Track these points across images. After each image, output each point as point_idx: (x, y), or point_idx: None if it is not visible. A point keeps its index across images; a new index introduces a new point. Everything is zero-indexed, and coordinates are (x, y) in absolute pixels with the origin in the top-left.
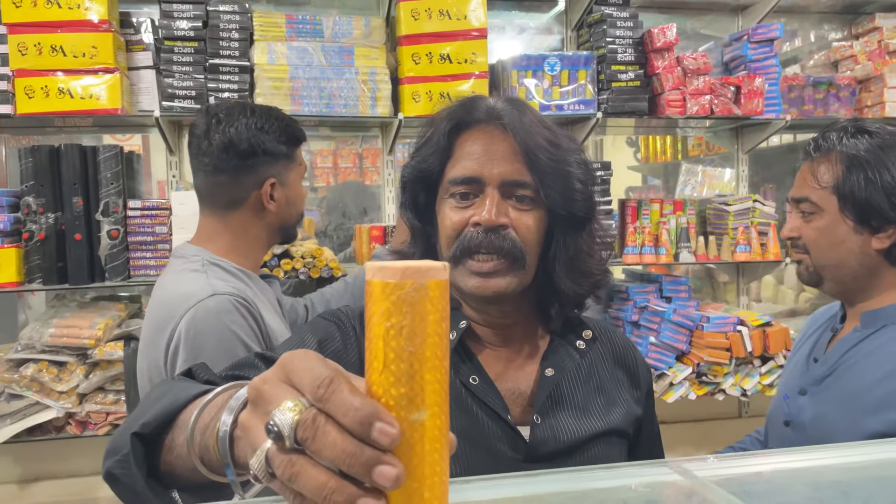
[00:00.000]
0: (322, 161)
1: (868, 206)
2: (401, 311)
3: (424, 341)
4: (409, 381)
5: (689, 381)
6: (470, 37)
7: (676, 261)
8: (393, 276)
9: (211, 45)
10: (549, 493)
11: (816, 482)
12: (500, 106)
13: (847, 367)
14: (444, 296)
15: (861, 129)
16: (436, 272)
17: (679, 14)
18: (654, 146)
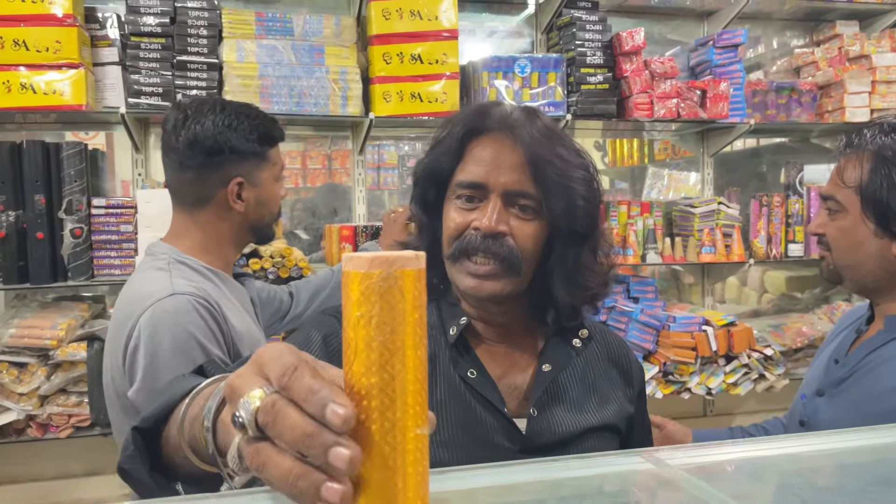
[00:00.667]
0: (291, 162)
1: (888, 209)
2: (369, 300)
3: (394, 331)
4: (379, 371)
5: (655, 380)
6: (441, 37)
7: (643, 262)
8: (362, 266)
9: (178, 41)
10: (526, 481)
11: (785, 470)
12: (515, 115)
13: (866, 370)
14: (416, 286)
15: (893, 126)
16: (406, 262)
17: (647, 19)
18: (621, 150)
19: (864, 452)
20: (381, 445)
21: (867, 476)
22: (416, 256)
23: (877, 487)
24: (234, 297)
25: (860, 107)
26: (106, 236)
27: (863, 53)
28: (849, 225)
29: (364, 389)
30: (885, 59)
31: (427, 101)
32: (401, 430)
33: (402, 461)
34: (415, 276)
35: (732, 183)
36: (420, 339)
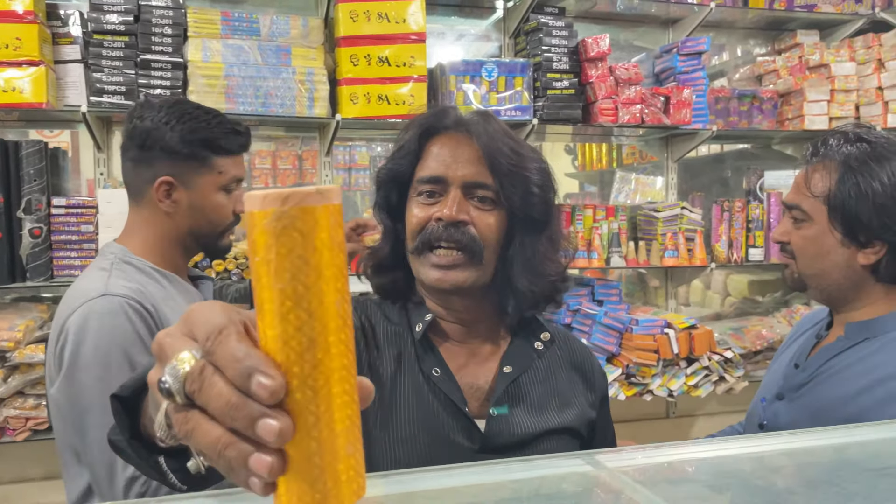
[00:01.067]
0: (261, 162)
1: (856, 219)
2: (266, 243)
3: (295, 276)
4: (282, 323)
5: (618, 382)
6: (409, 40)
7: (608, 265)
8: (255, 204)
9: (142, 40)
10: (466, 485)
11: (721, 471)
12: (468, 116)
13: (826, 376)
14: (319, 224)
15: (860, 137)
16: (304, 197)
17: (613, 25)
18: (590, 154)
19: (799, 454)
20: (300, 411)
21: (798, 477)
22: (317, 191)
23: (805, 488)
24: (184, 300)
25: (819, 115)
26: (66, 236)
27: (822, 62)
28: (815, 234)
29: (272, 343)
30: (844, 69)
31: (394, 104)
32: (324, 396)
33: (329, 429)
34: (317, 214)
35: (696, 188)
36: (333, 287)
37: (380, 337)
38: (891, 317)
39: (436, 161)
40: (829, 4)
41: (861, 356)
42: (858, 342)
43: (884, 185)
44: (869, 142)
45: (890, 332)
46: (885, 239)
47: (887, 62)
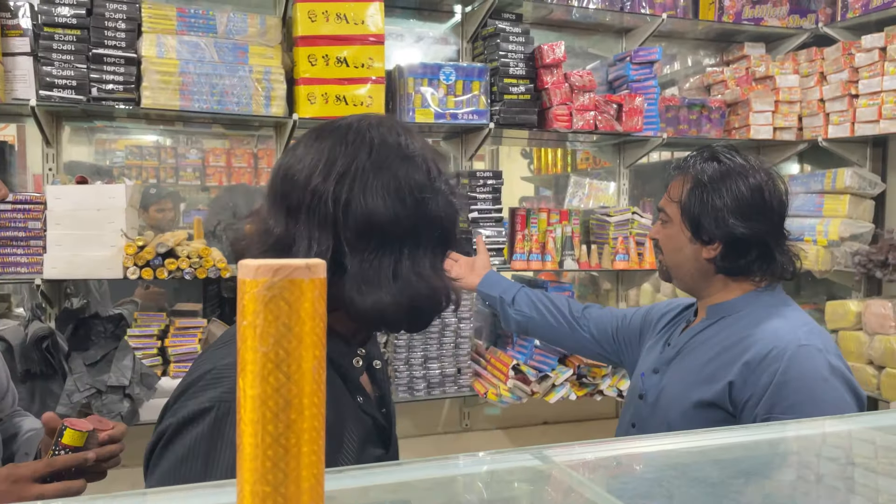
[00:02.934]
0: (215, 160)
1: (699, 223)
2: (255, 310)
3: (278, 342)
4: (262, 383)
5: (570, 383)
6: (367, 42)
7: (561, 268)
8: (248, 274)
9: (95, 34)
10: (417, 479)
11: (662, 464)
12: None
13: (690, 350)
14: (305, 296)
15: (714, 156)
16: (293, 271)
17: (568, 32)
18: (546, 158)
19: (735, 449)
20: (272, 468)
21: (732, 469)
22: (306, 266)
23: (739, 479)
24: None
25: (763, 125)
26: (12, 233)
27: (768, 74)
28: (673, 233)
29: (247, 403)
30: (788, 81)
31: (352, 105)
32: (292, 447)
33: (295, 487)
34: (303, 287)
35: (647, 193)
36: (311, 353)
37: None
38: (740, 299)
39: None
40: (775, 18)
41: (717, 331)
42: (716, 321)
43: (722, 198)
44: (720, 161)
45: (741, 311)
46: (718, 237)
47: (829, 75)
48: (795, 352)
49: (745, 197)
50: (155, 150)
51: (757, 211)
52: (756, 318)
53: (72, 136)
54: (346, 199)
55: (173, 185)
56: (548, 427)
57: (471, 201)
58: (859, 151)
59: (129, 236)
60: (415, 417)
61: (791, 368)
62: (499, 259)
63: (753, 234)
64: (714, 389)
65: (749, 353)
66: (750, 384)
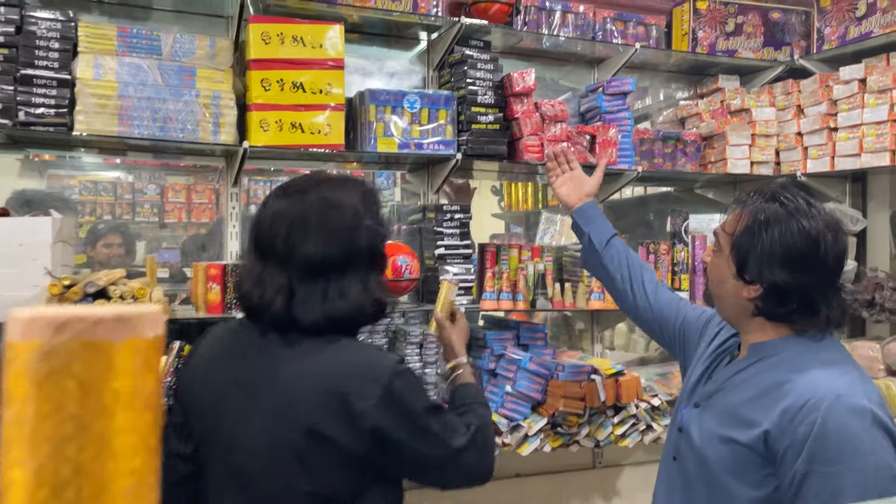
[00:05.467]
0: (174, 196)
1: (745, 262)
2: (24, 393)
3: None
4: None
5: (544, 433)
6: (326, 66)
7: (533, 307)
8: (14, 332)
9: (24, 53)
10: None
11: None
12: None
13: (730, 388)
14: (115, 369)
15: (775, 196)
16: (94, 326)
17: (539, 62)
18: (516, 195)
19: None
20: None
21: None
22: (116, 318)
23: None
24: None
25: (741, 158)
26: None
27: (743, 107)
28: (721, 263)
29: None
30: (764, 114)
31: (309, 133)
32: None
33: None
34: (111, 353)
35: (621, 230)
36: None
37: None
38: (781, 341)
39: None
40: (749, 51)
41: (756, 371)
42: (756, 360)
43: (773, 244)
44: (782, 203)
45: (781, 353)
46: (760, 281)
47: (806, 108)
48: (833, 402)
49: (797, 247)
50: (111, 186)
51: (806, 262)
52: (796, 364)
53: (22, 171)
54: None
55: (129, 221)
56: (520, 480)
57: (437, 236)
58: (839, 186)
59: (53, 275)
60: None
61: (829, 420)
62: (466, 298)
63: (797, 286)
64: (750, 434)
65: (786, 401)
66: (788, 434)
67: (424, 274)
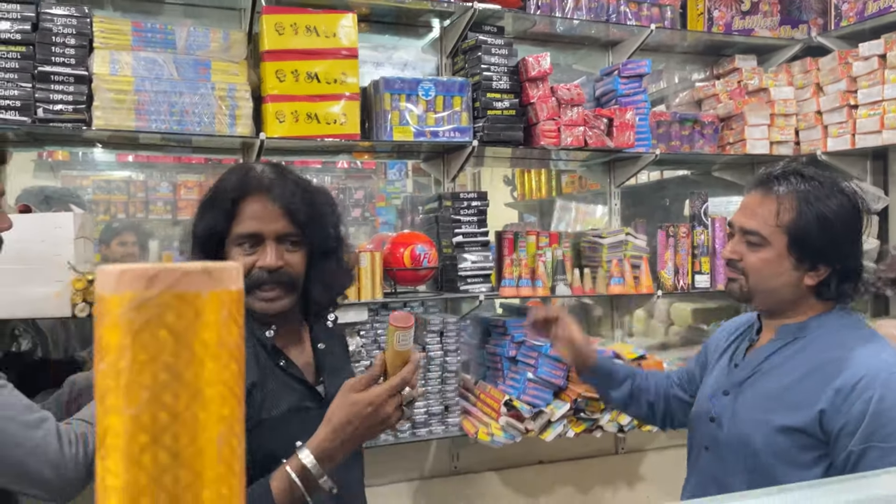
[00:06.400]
0: (186, 193)
1: (810, 247)
2: (118, 344)
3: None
4: (132, 468)
5: (567, 419)
6: (340, 56)
7: (553, 294)
8: (105, 285)
9: (41, 50)
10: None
11: None
12: (268, 179)
13: (764, 372)
14: (203, 320)
15: (804, 176)
16: (182, 278)
17: (552, 47)
18: (529, 184)
19: None
20: None
21: None
22: (203, 269)
23: None
24: None
25: (760, 139)
26: None
27: (761, 87)
28: (770, 258)
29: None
30: (783, 93)
31: (325, 123)
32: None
33: None
34: (199, 304)
35: (638, 215)
36: (216, 414)
37: None
38: (813, 320)
39: (252, 219)
40: (766, 29)
41: (793, 352)
42: (789, 342)
43: (833, 223)
44: (819, 181)
45: (813, 332)
46: (828, 263)
47: (825, 86)
48: (888, 378)
49: (851, 221)
50: (124, 184)
51: (858, 235)
52: (838, 342)
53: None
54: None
55: (143, 219)
56: (544, 467)
57: (454, 224)
58: (860, 165)
59: (77, 270)
60: (400, 460)
61: (887, 396)
62: (486, 286)
63: (859, 259)
64: (803, 416)
65: (839, 380)
66: (843, 413)
67: (443, 263)
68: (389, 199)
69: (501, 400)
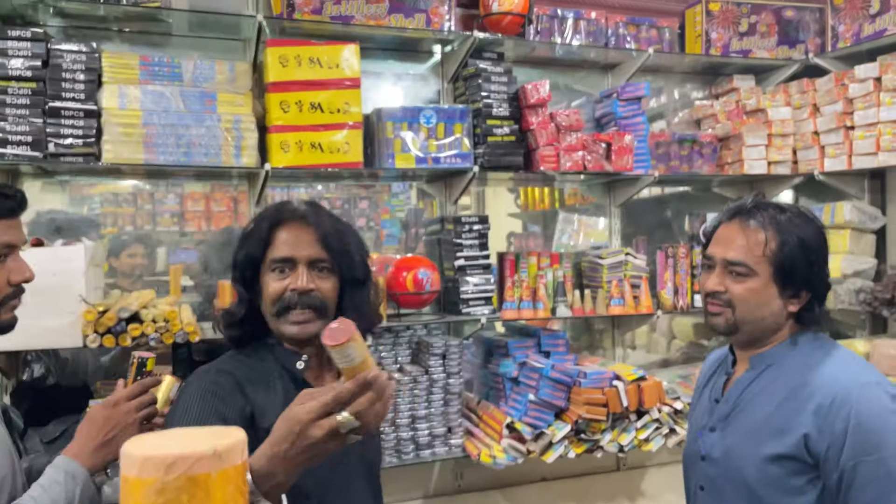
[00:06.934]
0: (193, 205)
1: (793, 276)
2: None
3: None
4: None
5: (568, 440)
6: (343, 86)
7: (554, 315)
8: (130, 470)
9: (52, 86)
10: None
11: None
12: (303, 208)
13: (745, 403)
14: (213, 497)
15: (783, 207)
16: (196, 463)
17: (552, 70)
18: (532, 195)
19: None
20: None
21: None
22: (213, 453)
23: None
24: None
25: (757, 159)
26: None
27: (759, 107)
28: (757, 287)
29: None
30: (780, 113)
31: (329, 152)
32: None
33: None
34: (211, 485)
35: (640, 231)
36: None
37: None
38: (782, 346)
39: (285, 245)
40: (764, 50)
41: (769, 381)
42: (763, 370)
43: (814, 249)
44: (792, 211)
45: (783, 357)
46: (809, 289)
47: (823, 107)
48: (860, 392)
49: (823, 245)
50: (131, 197)
51: (827, 258)
52: (806, 363)
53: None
54: None
55: (151, 231)
56: (547, 484)
57: (456, 248)
58: (857, 184)
59: (88, 301)
60: (403, 481)
61: (862, 410)
62: (488, 308)
63: (828, 283)
64: (789, 442)
65: (814, 401)
66: (826, 433)
67: (445, 285)
68: (394, 213)
69: (503, 422)
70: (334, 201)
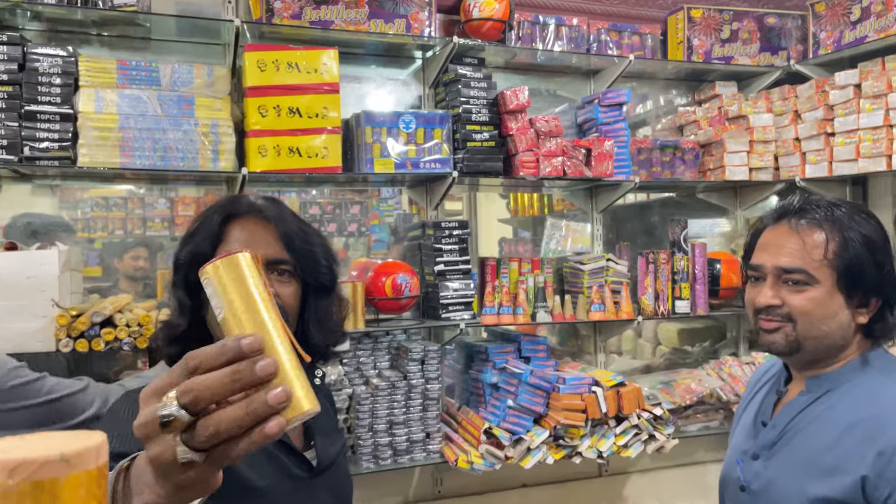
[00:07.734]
0: (184, 209)
1: (860, 282)
2: None
3: None
4: None
5: (546, 445)
6: (321, 91)
7: (534, 321)
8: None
9: (27, 89)
10: None
11: None
12: (261, 202)
13: (796, 431)
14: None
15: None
16: (41, 468)
17: (534, 76)
18: (522, 200)
19: None
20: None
21: None
22: (60, 457)
23: None
24: None
25: (739, 165)
26: None
27: (741, 114)
28: (822, 296)
29: None
30: (762, 120)
31: (307, 157)
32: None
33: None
34: (57, 490)
35: (623, 236)
36: None
37: None
38: (846, 368)
39: (238, 243)
40: (746, 57)
41: (826, 407)
42: (822, 395)
43: (879, 245)
44: (846, 206)
45: (847, 382)
46: (880, 295)
47: (804, 113)
48: None
49: (888, 242)
50: (122, 201)
51: (892, 257)
52: (874, 392)
53: (34, 189)
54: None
55: (141, 235)
56: (527, 490)
57: (436, 253)
58: (839, 190)
59: (60, 305)
60: (383, 486)
61: None
62: (468, 313)
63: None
64: (841, 484)
65: (881, 441)
66: (889, 479)
67: (425, 290)
68: (382, 217)
69: (482, 427)
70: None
